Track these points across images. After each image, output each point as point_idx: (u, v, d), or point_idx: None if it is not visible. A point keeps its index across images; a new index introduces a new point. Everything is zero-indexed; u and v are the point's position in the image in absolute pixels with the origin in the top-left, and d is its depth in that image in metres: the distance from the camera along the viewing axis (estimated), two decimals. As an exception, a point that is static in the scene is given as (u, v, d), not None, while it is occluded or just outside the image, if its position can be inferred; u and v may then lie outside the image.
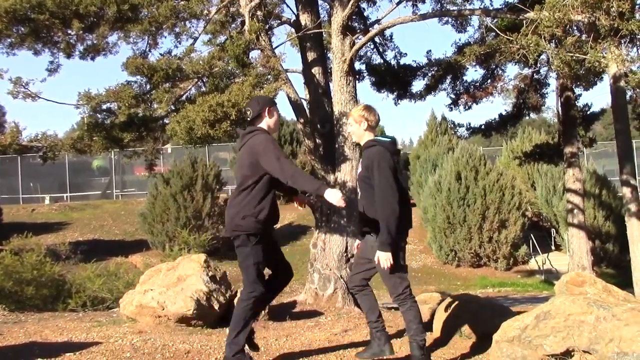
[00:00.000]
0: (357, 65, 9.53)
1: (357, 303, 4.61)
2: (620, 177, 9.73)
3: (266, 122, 3.80)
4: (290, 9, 8.57)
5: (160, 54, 8.00)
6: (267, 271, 3.85)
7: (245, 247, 3.65)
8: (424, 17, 7.66)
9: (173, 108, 7.56)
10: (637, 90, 9.53)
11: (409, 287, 3.67)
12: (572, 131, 12.95)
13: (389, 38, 10.11)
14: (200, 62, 7.04)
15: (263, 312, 5.78)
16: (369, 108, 3.82)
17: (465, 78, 11.41)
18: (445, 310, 4.84)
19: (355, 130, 3.81)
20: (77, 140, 7.68)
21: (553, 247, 20.00)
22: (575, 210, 13.01)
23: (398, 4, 7.81)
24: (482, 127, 13.66)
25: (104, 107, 7.63)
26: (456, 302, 4.84)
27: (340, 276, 6.77)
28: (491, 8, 8.32)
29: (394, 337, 4.73)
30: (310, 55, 7.54)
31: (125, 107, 7.35)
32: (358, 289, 3.87)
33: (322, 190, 3.47)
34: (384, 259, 3.55)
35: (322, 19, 8.17)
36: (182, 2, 7.41)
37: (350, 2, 6.78)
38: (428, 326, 5.10)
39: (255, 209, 3.63)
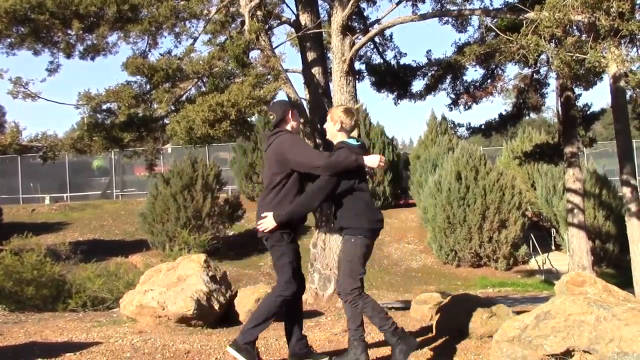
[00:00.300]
0: (357, 65, 9.54)
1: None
2: (620, 177, 9.73)
3: (290, 125, 3.88)
4: (290, 9, 8.58)
5: (160, 54, 8.02)
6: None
7: (280, 245, 3.68)
8: (424, 17, 7.66)
9: (173, 108, 7.56)
10: (637, 90, 9.52)
11: (359, 289, 3.64)
12: (572, 131, 12.95)
13: (389, 38, 10.12)
14: (200, 62, 7.05)
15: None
16: (348, 112, 3.88)
17: (465, 78, 11.44)
18: (445, 310, 4.83)
19: (330, 129, 3.88)
20: (77, 140, 7.68)
21: (553, 247, 19.99)
22: (575, 210, 13.01)
23: (398, 3, 7.82)
24: (482, 127, 13.66)
25: (104, 107, 7.64)
26: (456, 302, 4.84)
27: (340, 276, 6.77)
28: (491, 8, 8.33)
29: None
30: (310, 55, 7.54)
31: (125, 107, 7.36)
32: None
33: (361, 160, 3.60)
34: (267, 223, 3.60)
35: (322, 19, 8.18)
36: (182, 2, 7.42)
37: (350, 2, 6.78)
38: (428, 326, 5.10)
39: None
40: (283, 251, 3.67)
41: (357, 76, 8.51)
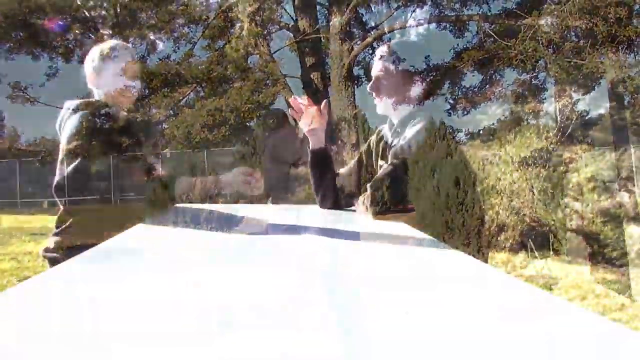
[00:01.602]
0: (356, 71, 9.54)
1: None
2: (618, 181, 9.74)
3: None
4: (289, 14, 8.59)
5: (159, 58, 8.02)
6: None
7: None
8: (422, 23, 7.69)
9: (172, 113, 7.57)
10: (635, 95, 9.55)
11: None
12: (570, 136, 12.96)
13: (388, 43, 10.11)
14: (199, 67, 7.06)
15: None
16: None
17: (463, 83, 11.44)
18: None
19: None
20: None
21: (551, 252, 20.00)
22: (574, 215, 13.00)
23: (396, 9, 7.85)
24: (481, 132, 13.68)
25: (102, 111, 7.63)
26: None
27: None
28: (489, 14, 8.36)
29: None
30: (309, 61, 7.55)
31: (124, 111, 7.35)
32: None
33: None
34: None
35: (321, 25, 8.19)
36: (181, 8, 7.43)
37: (349, 8, 6.80)
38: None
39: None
40: None
41: (355, 81, 8.52)
